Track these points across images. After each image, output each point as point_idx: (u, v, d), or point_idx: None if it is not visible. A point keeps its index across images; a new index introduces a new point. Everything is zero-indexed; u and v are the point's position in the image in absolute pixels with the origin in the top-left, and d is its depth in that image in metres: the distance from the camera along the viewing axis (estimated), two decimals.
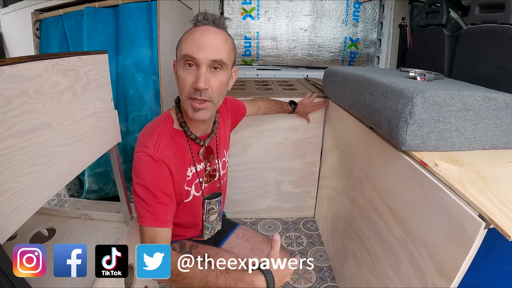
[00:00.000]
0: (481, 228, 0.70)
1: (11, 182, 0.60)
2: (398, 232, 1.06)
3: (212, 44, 0.98)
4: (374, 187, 1.26)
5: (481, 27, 1.48)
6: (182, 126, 1.10)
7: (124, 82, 1.79)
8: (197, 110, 1.02)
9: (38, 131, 0.66)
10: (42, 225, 1.21)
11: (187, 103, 1.01)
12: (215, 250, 1.21)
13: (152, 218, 0.97)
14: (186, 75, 0.99)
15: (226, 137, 1.35)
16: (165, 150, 1.02)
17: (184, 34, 1.02)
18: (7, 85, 0.57)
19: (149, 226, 0.97)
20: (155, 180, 0.99)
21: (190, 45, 0.97)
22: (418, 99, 0.91)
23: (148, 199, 0.97)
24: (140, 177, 0.98)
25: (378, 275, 1.22)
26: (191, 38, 0.98)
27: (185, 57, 0.97)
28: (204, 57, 0.97)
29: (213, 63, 0.99)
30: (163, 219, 0.99)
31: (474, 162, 0.94)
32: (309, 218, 2.37)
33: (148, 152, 0.98)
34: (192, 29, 1.00)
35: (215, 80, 1.01)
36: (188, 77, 0.99)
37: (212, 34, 0.99)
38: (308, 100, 1.92)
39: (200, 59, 0.96)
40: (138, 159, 0.99)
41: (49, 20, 1.84)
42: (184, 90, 1.00)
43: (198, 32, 0.99)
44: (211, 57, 0.97)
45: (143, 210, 0.97)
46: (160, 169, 1.00)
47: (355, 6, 2.69)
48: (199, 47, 0.97)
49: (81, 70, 0.82)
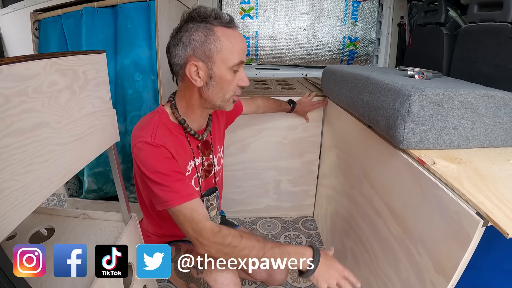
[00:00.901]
0: (479, 225, 0.70)
1: (10, 181, 0.60)
2: (397, 231, 1.06)
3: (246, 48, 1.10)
4: (372, 186, 1.26)
5: (480, 25, 1.48)
6: (182, 123, 1.12)
7: (123, 82, 1.80)
8: (235, 101, 1.14)
9: (37, 129, 0.66)
10: (41, 225, 1.20)
11: (231, 100, 1.11)
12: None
13: (177, 196, 0.99)
14: (234, 78, 1.07)
15: (221, 134, 1.36)
16: (162, 138, 1.04)
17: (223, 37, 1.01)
18: (5, 84, 0.57)
19: (178, 205, 0.99)
20: (162, 163, 1.01)
21: (240, 52, 1.04)
22: (416, 97, 0.91)
23: (164, 181, 0.99)
24: (147, 165, 1.00)
25: (377, 273, 1.22)
26: (238, 45, 1.04)
27: (240, 63, 1.05)
28: (245, 59, 1.08)
29: None
30: (187, 193, 1.00)
31: (472, 160, 0.95)
32: (308, 217, 2.38)
33: (145, 140, 1.01)
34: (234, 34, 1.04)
35: None
36: (234, 80, 1.07)
37: (244, 38, 1.10)
38: (306, 99, 1.92)
39: (244, 62, 1.08)
40: (138, 149, 1.01)
41: (48, 20, 1.84)
42: (230, 91, 1.08)
43: (239, 38, 1.05)
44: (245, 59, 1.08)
45: (165, 193, 0.99)
46: (162, 152, 1.02)
47: (353, 5, 2.69)
48: (243, 51, 1.06)
49: (79, 69, 0.82)
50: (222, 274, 1.12)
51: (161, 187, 1.00)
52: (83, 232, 1.17)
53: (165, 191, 1.00)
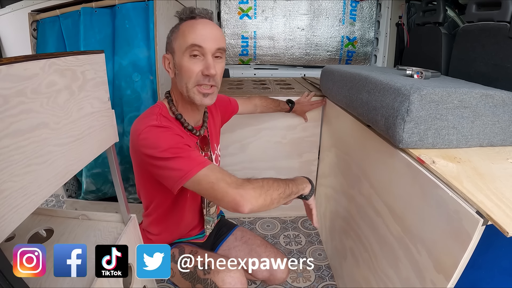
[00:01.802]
0: (479, 224, 0.70)
1: (9, 182, 0.59)
2: (396, 230, 1.06)
3: (214, 34, 1.06)
4: (371, 185, 1.26)
5: (478, 25, 1.48)
6: (179, 118, 1.14)
7: (121, 83, 1.80)
8: (206, 96, 1.09)
9: (35, 130, 0.66)
10: (40, 226, 1.20)
11: (194, 90, 1.08)
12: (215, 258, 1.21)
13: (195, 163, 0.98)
14: (193, 64, 1.05)
15: (217, 131, 1.38)
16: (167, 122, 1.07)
17: (180, 27, 1.07)
18: (4, 85, 0.57)
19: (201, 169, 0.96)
20: (174, 139, 1.02)
21: (195, 35, 1.03)
22: (415, 96, 0.91)
23: (179, 153, 0.98)
24: (159, 145, 0.99)
25: (376, 273, 1.22)
26: (195, 29, 1.04)
27: (193, 47, 1.03)
28: (210, 46, 1.04)
29: (217, 51, 1.06)
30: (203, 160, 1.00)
31: (471, 159, 0.95)
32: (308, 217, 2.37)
33: (152, 124, 1.02)
34: (192, 21, 1.06)
35: (219, 67, 1.09)
36: (195, 66, 1.05)
37: (213, 25, 1.07)
38: (305, 99, 1.92)
39: (207, 47, 1.04)
40: (147, 134, 1.01)
41: (46, 21, 1.84)
42: (191, 79, 1.06)
43: (199, 24, 1.05)
44: (216, 45, 1.05)
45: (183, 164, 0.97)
46: (171, 130, 1.03)
47: (352, 5, 2.70)
48: (205, 37, 1.04)
49: (78, 69, 0.82)
50: (230, 274, 1.13)
51: (178, 161, 0.97)
52: (82, 233, 1.17)
53: (183, 162, 0.97)
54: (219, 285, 1.11)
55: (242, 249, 1.40)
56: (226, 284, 1.11)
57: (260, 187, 0.98)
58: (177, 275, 1.23)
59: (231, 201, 0.94)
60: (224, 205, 0.97)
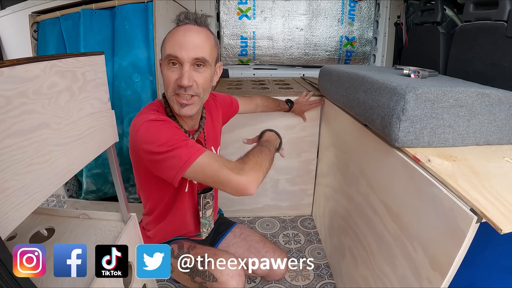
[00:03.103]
0: (473, 222, 0.71)
1: (11, 180, 0.61)
2: (393, 228, 1.07)
3: (194, 42, 1.03)
4: (369, 184, 1.27)
5: (475, 24, 1.49)
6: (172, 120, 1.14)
7: (121, 83, 1.81)
8: (183, 106, 1.07)
9: (37, 130, 0.67)
10: (41, 225, 1.21)
11: (173, 99, 1.07)
12: (213, 251, 1.22)
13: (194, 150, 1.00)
14: (170, 73, 1.05)
15: (216, 133, 1.38)
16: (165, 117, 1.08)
17: (167, 34, 1.07)
18: (6, 86, 0.58)
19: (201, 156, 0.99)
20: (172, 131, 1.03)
21: (172, 45, 1.02)
22: (411, 95, 0.92)
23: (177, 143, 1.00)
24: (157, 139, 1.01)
25: (374, 271, 1.23)
26: (174, 38, 1.03)
27: (169, 57, 1.03)
28: (187, 55, 1.02)
29: (196, 61, 1.04)
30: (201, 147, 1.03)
31: (467, 157, 0.95)
32: (307, 216, 2.39)
33: (149, 118, 1.04)
34: (175, 29, 1.06)
35: (200, 76, 1.06)
36: (172, 75, 1.04)
37: (194, 33, 1.04)
38: (304, 99, 1.93)
39: (183, 57, 1.02)
40: (145, 128, 1.03)
41: (46, 22, 1.85)
42: (169, 87, 1.06)
43: (181, 31, 1.04)
44: (193, 55, 1.02)
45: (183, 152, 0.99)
46: (169, 123, 1.05)
47: (350, 5, 2.71)
48: (181, 46, 1.02)
49: (78, 71, 0.83)
50: (228, 265, 1.14)
51: (176, 151, 0.99)
52: (83, 232, 1.18)
53: (182, 151, 0.99)
54: (217, 276, 1.13)
55: (241, 246, 1.41)
56: (224, 275, 1.13)
57: (255, 163, 1.04)
58: (176, 270, 1.24)
59: (237, 186, 0.99)
60: (229, 191, 1.02)
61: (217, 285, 1.14)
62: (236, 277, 1.14)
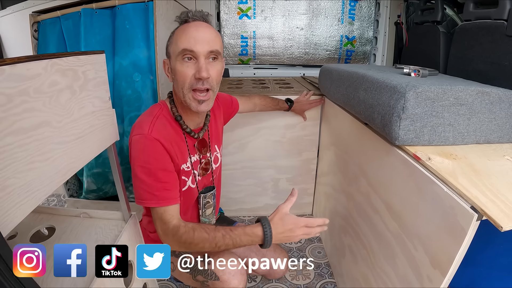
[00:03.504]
0: (474, 219, 0.71)
1: (12, 178, 0.61)
2: (393, 226, 1.07)
3: (207, 36, 1.04)
4: (369, 182, 1.27)
5: (475, 23, 1.49)
6: (178, 120, 1.14)
7: (121, 83, 1.81)
8: (201, 103, 1.07)
9: (38, 128, 0.68)
10: (42, 224, 1.21)
11: (189, 96, 1.06)
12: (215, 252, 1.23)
13: (154, 199, 1.03)
14: (186, 68, 1.04)
15: (218, 132, 1.38)
16: (160, 130, 1.07)
17: (175, 32, 1.07)
18: (7, 84, 0.58)
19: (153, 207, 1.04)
20: (154, 159, 1.04)
21: (186, 40, 1.02)
22: (411, 94, 0.92)
23: (149, 179, 1.03)
24: (138, 159, 1.03)
25: (374, 269, 1.23)
26: (186, 33, 1.03)
27: (184, 52, 1.02)
28: (202, 49, 1.02)
29: (210, 54, 1.05)
30: (164, 197, 1.04)
31: (467, 156, 0.95)
32: (307, 215, 2.38)
33: (142, 132, 1.04)
34: (185, 25, 1.06)
35: (214, 69, 1.07)
36: (188, 70, 1.04)
37: (206, 27, 1.06)
38: (304, 98, 1.93)
39: (198, 51, 1.02)
40: (134, 142, 1.04)
41: (47, 22, 1.85)
42: (185, 83, 1.05)
43: (192, 27, 1.04)
44: (208, 48, 1.03)
45: (144, 192, 1.03)
46: (155, 147, 1.04)
47: (350, 4, 2.71)
48: (196, 40, 1.02)
49: (79, 69, 0.83)
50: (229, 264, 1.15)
51: (143, 185, 1.04)
52: (83, 231, 1.18)
53: (146, 190, 1.04)
54: (219, 275, 1.13)
55: None
56: (226, 274, 1.14)
57: (185, 243, 1.04)
58: (177, 269, 1.24)
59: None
60: None
61: (219, 284, 1.14)
62: (238, 276, 1.15)
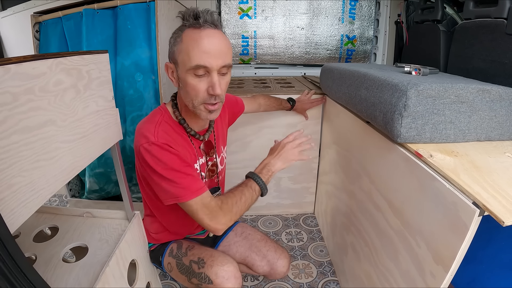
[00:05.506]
0: (476, 215, 0.71)
1: (18, 177, 0.61)
2: (396, 223, 1.08)
3: (220, 50, 0.99)
4: (371, 180, 1.28)
5: (475, 21, 1.49)
6: (182, 123, 1.13)
7: (123, 83, 1.81)
8: (212, 112, 1.06)
9: (43, 127, 0.68)
10: (45, 224, 1.22)
11: (201, 108, 1.05)
12: (210, 252, 1.23)
13: (188, 192, 1.03)
14: (198, 82, 1.00)
15: (224, 133, 1.38)
16: (164, 136, 1.06)
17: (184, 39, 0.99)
18: (13, 83, 0.59)
19: (190, 200, 1.03)
20: (171, 159, 1.03)
21: (200, 55, 0.96)
22: (412, 92, 0.92)
23: (177, 178, 1.02)
24: (157, 163, 1.02)
25: (377, 266, 1.24)
26: (200, 46, 0.96)
27: (197, 67, 0.97)
28: (216, 64, 0.98)
29: (223, 68, 1.01)
30: (197, 188, 1.04)
31: (468, 153, 0.96)
32: (309, 214, 2.39)
33: (150, 140, 1.02)
34: (196, 34, 0.97)
35: (224, 82, 1.04)
36: (200, 85, 1.00)
37: (218, 39, 0.99)
38: (305, 97, 1.94)
39: (212, 67, 0.98)
40: (146, 150, 1.02)
41: (48, 22, 1.86)
42: (197, 97, 1.02)
43: (204, 39, 0.97)
44: (221, 63, 0.99)
45: (178, 189, 1.03)
46: (167, 149, 1.03)
47: (351, 3, 2.71)
48: (209, 55, 0.97)
49: (83, 69, 0.84)
50: (223, 268, 1.15)
51: (173, 183, 1.02)
52: (87, 230, 1.18)
53: (178, 187, 1.02)
54: (213, 278, 1.14)
55: (242, 245, 1.42)
56: (220, 277, 1.13)
57: (230, 209, 1.08)
58: (174, 269, 1.25)
59: (207, 228, 1.08)
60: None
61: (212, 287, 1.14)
62: (231, 279, 1.15)
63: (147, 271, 1.29)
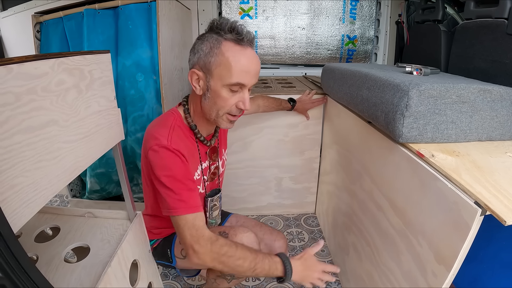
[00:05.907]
0: (477, 214, 0.71)
1: (20, 177, 0.61)
2: (397, 223, 1.08)
3: (256, 70, 1.05)
4: (373, 180, 1.28)
5: (476, 21, 1.49)
6: (193, 129, 1.15)
7: (124, 83, 1.81)
8: (232, 122, 1.11)
9: (46, 127, 0.68)
10: (47, 224, 1.22)
11: (224, 118, 1.08)
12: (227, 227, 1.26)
13: (184, 206, 1.01)
14: (230, 96, 1.04)
15: (225, 136, 1.40)
16: (178, 142, 1.05)
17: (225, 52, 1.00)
18: (16, 83, 0.59)
19: (183, 215, 1.01)
20: (179, 168, 1.03)
21: (242, 73, 1.01)
22: (414, 92, 0.92)
23: (177, 188, 1.01)
24: (162, 168, 1.01)
25: (378, 266, 1.24)
26: (243, 65, 1.00)
27: (237, 84, 1.02)
28: (250, 83, 1.04)
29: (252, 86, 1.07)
30: (194, 204, 1.03)
31: (470, 152, 0.96)
32: (310, 214, 2.40)
33: (162, 143, 1.02)
34: (239, 53, 1.00)
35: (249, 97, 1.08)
36: (233, 99, 1.05)
37: (257, 60, 1.05)
38: (306, 97, 1.94)
39: (247, 85, 1.04)
40: (155, 152, 1.02)
41: (49, 23, 1.85)
42: (225, 108, 1.06)
43: (248, 59, 1.02)
44: (254, 82, 1.06)
45: (173, 200, 1.01)
46: (177, 157, 1.03)
47: (352, 3, 2.71)
48: (248, 74, 1.02)
49: (85, 69, 0.84)
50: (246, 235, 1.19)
51: (170, 193, 1.01)
52: (88, 230, 1.18)
53: (174, 198, 1.01)
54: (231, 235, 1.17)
55: None
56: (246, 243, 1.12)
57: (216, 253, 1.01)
58: (185, 261, 1.25)
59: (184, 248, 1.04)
60: None
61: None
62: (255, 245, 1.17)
63: (149, 271, 1.29)
